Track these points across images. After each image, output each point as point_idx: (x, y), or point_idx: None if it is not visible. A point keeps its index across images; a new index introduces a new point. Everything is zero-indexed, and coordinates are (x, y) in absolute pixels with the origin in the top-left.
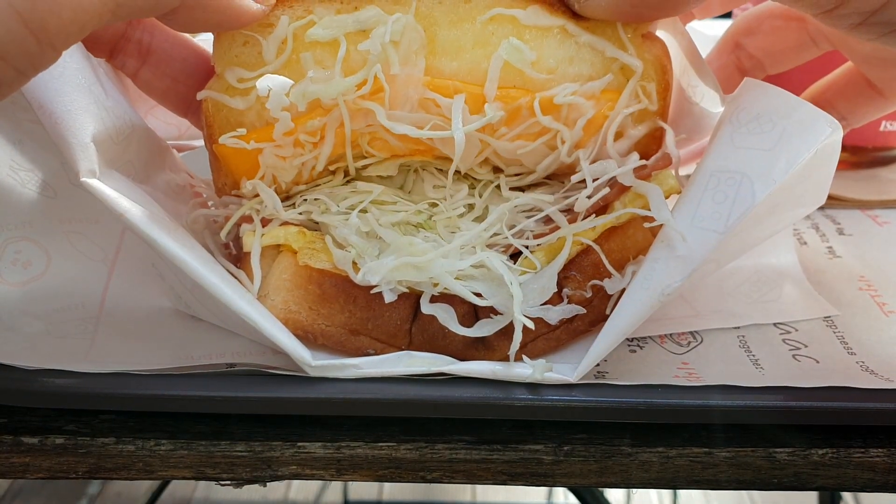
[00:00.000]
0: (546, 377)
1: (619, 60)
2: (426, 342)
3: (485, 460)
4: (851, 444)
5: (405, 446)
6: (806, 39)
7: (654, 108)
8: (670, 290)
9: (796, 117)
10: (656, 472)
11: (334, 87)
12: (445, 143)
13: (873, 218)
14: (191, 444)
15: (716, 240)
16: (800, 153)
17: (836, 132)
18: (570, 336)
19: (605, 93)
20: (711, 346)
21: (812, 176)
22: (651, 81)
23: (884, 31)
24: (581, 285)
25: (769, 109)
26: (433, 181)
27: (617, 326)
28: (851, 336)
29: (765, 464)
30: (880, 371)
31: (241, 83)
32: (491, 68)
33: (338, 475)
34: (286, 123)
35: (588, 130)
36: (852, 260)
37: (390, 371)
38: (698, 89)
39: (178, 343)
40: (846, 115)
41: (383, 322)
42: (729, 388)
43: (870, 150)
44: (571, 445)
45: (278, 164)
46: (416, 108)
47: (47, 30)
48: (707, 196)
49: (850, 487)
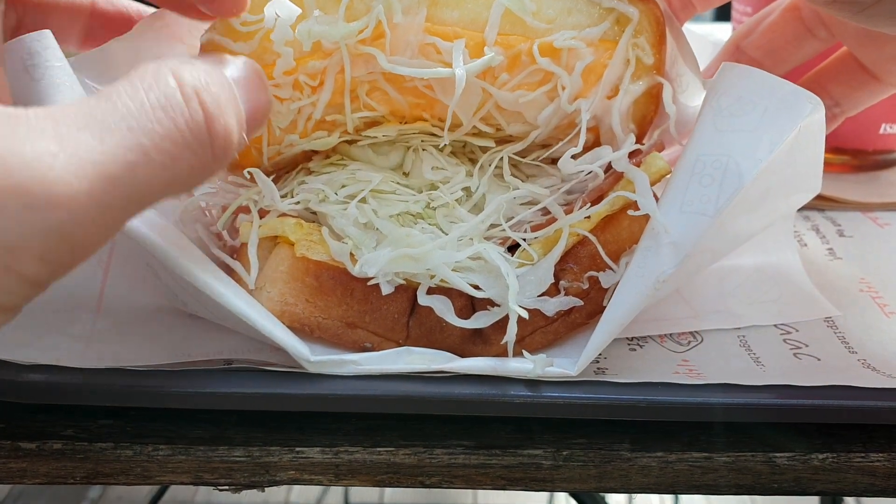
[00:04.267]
0: (547, 372)
1: (615, 11)
2: (424, 335)
3: (483, 465)
4: (852, 449)
5: (403, 451)
6: (802, 31)
7: (651, 62)
8: (665, 276)
9: (777, 96)
10: (656, 477)
11: (338, 30)
12: (446, 88)
13: (874, 220)
14: (189, 449)
15: (706, 223)
16: (783, 131)
17: (818, 108)
18: (568, 329)
19: (603, 42)
20: (712, 344)
21: (799, 157)
22: (644, 34)
23: (855, 9)
24: (578, 277)
25: (749, 91)
26: (432, 162)
27: (614, 317)
28: (852, 336)
29: (765, 468)
30: (882, 370)
31: (245, 27)
32: (492, 14)
33: (336, 480)
34: (288, 60)
35: (588, 80)
36: (853, 261)
37: (390, 368)
38: (684, 79)
39: (175, 341)
40: (840, 100)
41: (381, 315)
42: (730, 385)
43: (870, 152)
44: (570, 450)
45: (275, 107)
46: (416, 54)
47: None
48: (694, 180)
49: (851, 492)
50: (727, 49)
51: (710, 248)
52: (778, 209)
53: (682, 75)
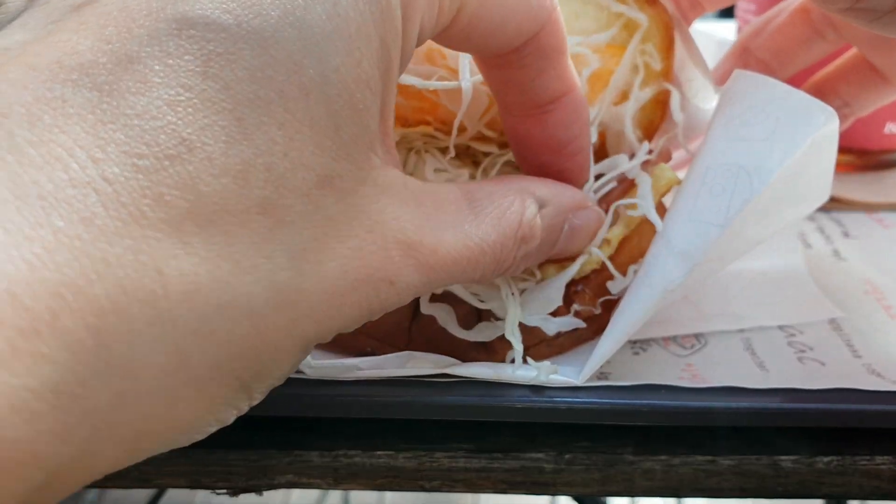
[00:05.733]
0: (551, 379)
1: (623, 16)
2: (426, 342)
3: (485, 469)
4: (857, 452)
5: (403, 455)
6: (811, 33)
7: (659, 68)
8: (673, 286)
9: (789, 106)
10: (659, 481)
11: None
12: (451, 96)
13: (878, 221)
14: (186, 451)
15: (716, 233)
16: (795, 142)
17: (831, 120)
18: (574, 342)
19: (610, 47)
20: (716, 348)
21: (810, 168)
22: (653, 40)
23: (871, 17)
24: (592, 301)
25: (761, 99)
26: (434, 164)
27: (621, 327)
28: (857, 339)
29: (769, 472)
30: (887, 374)
31: None
32: None
33: (335, 484)
34: None
35: (594, 86)
36: (858, 263)
37: (392, 372)
38: (694, 83)
39: None
40: (850, 101)
41: (383, 321)
42: (734, 389)
43: (875, 152)
44: (573, 454)
45: None
46: (421, 60)
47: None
48: (704, 190)
49: (856, 495)
50: (735, 51)
51: (719, 257)
52: (786, 218)
53: (692, 79)
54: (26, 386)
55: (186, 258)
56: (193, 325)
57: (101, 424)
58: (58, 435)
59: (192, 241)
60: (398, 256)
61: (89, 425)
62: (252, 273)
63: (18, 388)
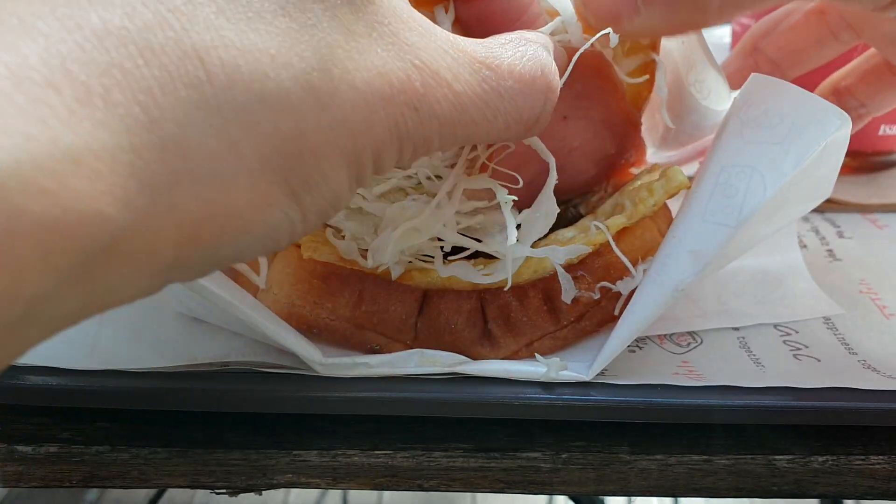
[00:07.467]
0: (561, 375)
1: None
2: (432, 337)
3: (482, 468)
4: (852, 452)
5: (402, 454)
6: (826, 34)
7: (647, 41)
8: (683, 285)
9: (805, 110)
10: (655, 480)
11: None
12: None
13: (873, 221)
14: (186, 452)
15: (727, 234)
16: (809, 146)
17: (845, 125)
18: (577, 335)
19: None
20: (711, 346)
21: (820, 169)
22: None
23: None
24: (591, 286)
25: (777, 103)
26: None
27: (632, 324)
28: (852, 338)
29: (764, 471)
30: (882, 369)
31: None
32: None
33: (334, 483)
34: None
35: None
36: (852, 263)
37: (402, 370)
38: (704, 84)
39: (180, 345)
40: (866, 101)
41: (389, 316)
42: (730, 386)
43: (869, 154)
44: (569, 453)
45: None
46: None
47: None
48: (718, 191)
49: (851, 495)
50: (744, 49)
51: (726, 255)
52: (790, 216)
53: (703, 81)
54: (87, 146)
55: (224, 49)
56: (239, 113)
57: (160, 199)
58: (119, 199)
59: (227, 34)
60: (418, 82)
61: (147, 197)
62: (287, 70)
63: (80, 147)
